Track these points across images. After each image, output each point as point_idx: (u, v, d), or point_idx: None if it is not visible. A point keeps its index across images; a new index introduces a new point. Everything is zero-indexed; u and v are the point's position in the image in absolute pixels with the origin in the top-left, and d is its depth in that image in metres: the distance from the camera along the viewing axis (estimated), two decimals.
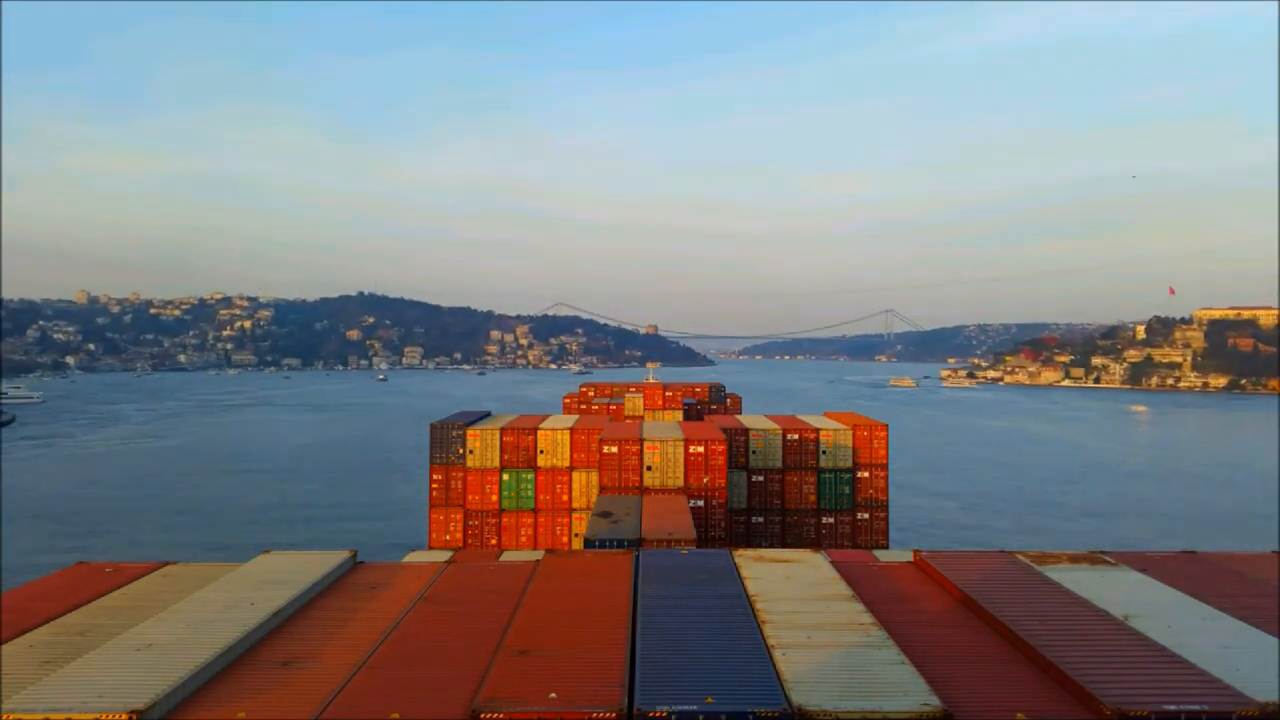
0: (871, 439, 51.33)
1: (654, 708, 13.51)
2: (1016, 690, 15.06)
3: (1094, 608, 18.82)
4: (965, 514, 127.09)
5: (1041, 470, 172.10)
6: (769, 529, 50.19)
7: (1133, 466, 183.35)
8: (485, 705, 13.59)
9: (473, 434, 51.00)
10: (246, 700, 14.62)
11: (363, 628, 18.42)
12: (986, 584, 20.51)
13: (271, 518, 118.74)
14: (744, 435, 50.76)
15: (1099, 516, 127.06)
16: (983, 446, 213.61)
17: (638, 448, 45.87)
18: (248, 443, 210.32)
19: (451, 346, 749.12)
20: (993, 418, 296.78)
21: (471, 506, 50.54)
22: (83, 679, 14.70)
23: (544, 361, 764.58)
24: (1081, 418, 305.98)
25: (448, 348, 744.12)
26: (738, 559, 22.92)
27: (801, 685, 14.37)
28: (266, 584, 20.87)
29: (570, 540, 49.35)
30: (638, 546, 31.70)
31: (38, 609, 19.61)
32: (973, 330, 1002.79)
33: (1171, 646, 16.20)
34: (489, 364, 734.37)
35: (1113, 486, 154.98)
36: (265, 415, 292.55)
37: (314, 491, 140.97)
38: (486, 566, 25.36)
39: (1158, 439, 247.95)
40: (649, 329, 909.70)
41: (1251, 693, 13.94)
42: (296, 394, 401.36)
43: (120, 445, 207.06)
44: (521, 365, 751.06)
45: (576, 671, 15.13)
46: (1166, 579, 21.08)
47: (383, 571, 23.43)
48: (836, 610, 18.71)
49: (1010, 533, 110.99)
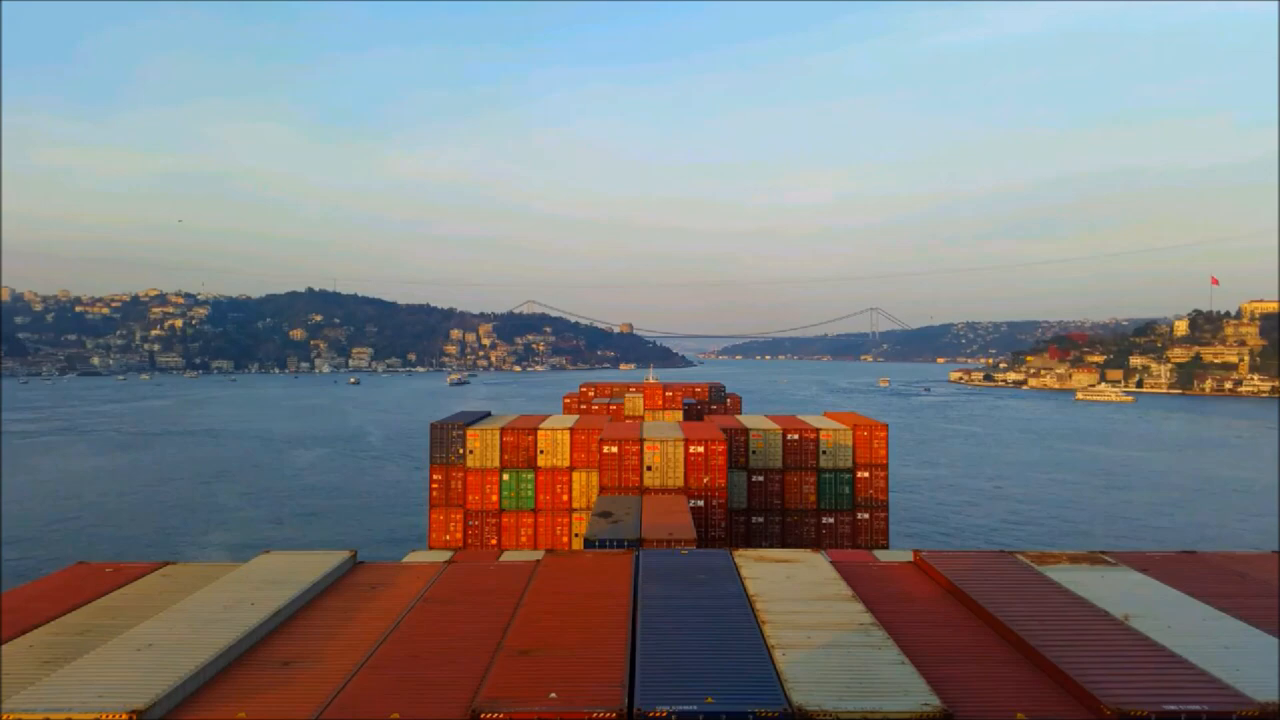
0: (871, 439, 51.33)
1: (654, 708, 13.51)
2: (1016, 690, 15.05)
3: (1094, 608, 18.82)
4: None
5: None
6: (769, 529, 50.19)
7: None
8: (485, 705, 13.59)
9: (473, 434, 51.03)
10: (247, 700, 14.62)
11: (363, 628, 18.42)
12: (987, 584, 20.50)
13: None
14: (744, 435, 50.77)
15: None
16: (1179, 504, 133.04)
17: (638, 448, 45.88)
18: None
19: (406, 347, 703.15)
20: (1096, 443, 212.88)
21: (471, 506, 50.56)
22: (83, 679, 14.70)
23: (508, 363, 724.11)
24: (1215, 439, 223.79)
25: (401, 348, 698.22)
26: (738, 559, 22.91)
27: (801, 685, 14.37)
28: (266, 584, 20.86)
29: (570, 540, 49.35)
30: (638, 547, 31.71)
31: (38, 609, 19.60)
32: (961, 328, 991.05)
33: (1171, 646, 16.20)
34: (447, 366, 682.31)
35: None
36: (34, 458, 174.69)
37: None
38: (486, 566, 25.35)
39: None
40: (624, 328, 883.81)
41: (1251, 693, 13.94)
42: (171, 410, 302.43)
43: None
44: (483, 367, 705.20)
45: (577, 671, 15.13)
46: (1166, 579, 21.07)
47: (383, 571, 23.43)
48: (836, 610, 18.71)
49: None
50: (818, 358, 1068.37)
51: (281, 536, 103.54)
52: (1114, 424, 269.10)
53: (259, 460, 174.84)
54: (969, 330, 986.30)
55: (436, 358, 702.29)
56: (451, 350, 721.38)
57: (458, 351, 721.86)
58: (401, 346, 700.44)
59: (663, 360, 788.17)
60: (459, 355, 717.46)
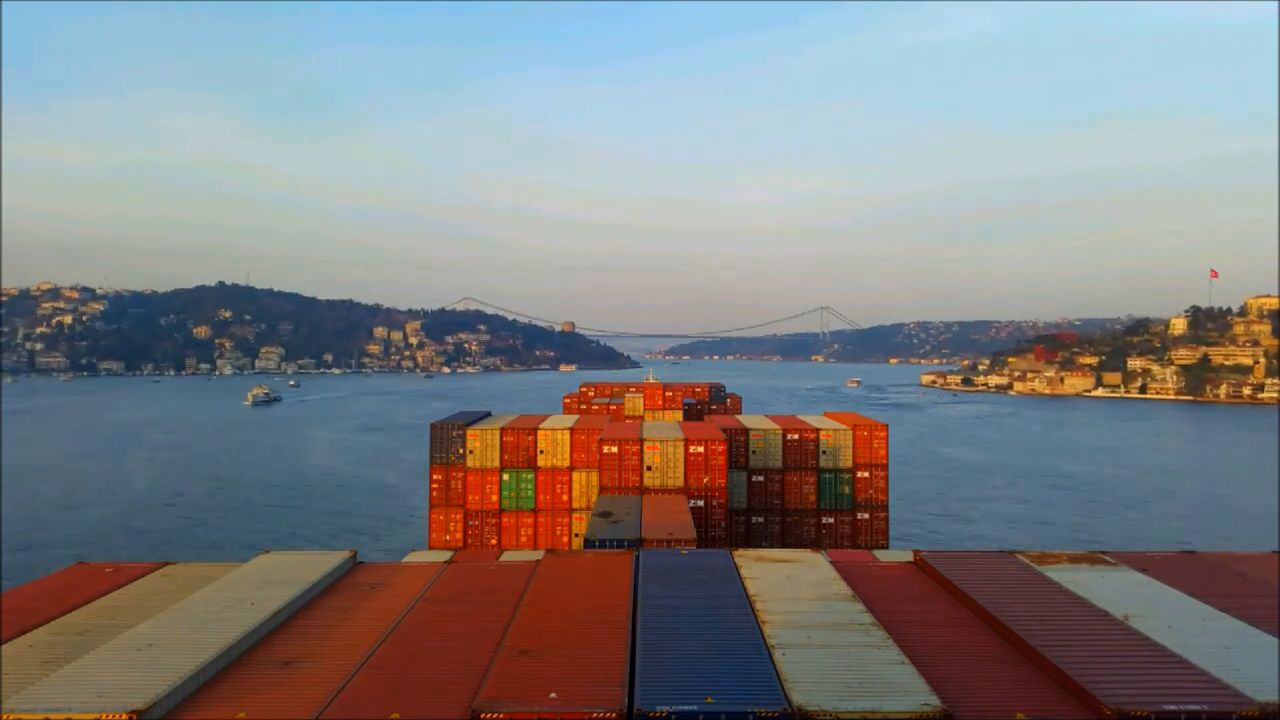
0: (871, 439, 51.37)
1: (654, 708, 13.51)
2: (1016, 690, 15.05)
3: (1094, 608, 18.82)
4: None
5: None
6: (769, 529, 50.19)
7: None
8: (486, 705, 13.59)
9: (473, 434, 51.02)
10: (247, 700, 14.62)
11: (363, 628, 18.42)
12: (987, 584, 20.50)
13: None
14: (744, 435, 50.79)
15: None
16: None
17: (638, 448, 45.89)
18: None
19: (324, 346, 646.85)
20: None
21: (471, 506, 50.54)
22: (83, 679, 14.70)
23: (436, 364, 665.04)
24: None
25: (318, 348, 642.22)
26: (738, 559, 22.92)
27: (801, 685, 14.37)
28: (266, 584, 20.87)
29: (570, 540, 49.35)
30: (638, 546, 31.71)
31: (38, 609, 19.60)
32: (913, 328, 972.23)
33: (1171, 646, 16.20)
34: (368, 367, 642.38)
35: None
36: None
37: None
38: (486, 566, 25.36)
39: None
40: (565, 326, 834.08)
41: (1251, 693, 13.94)
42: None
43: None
44: (408, 369, 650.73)
45: (577, 671, 15.13)
46: (1166, 579, 21.07)
47: (383, 571, 23.43)
48: (836, 610, 18.72)
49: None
50: (767, 358, 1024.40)
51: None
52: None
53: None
54: (921, 330, 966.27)
55: (357, 358, 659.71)
56: (374, 350, 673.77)
57: (380, 351, 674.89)
58: (318, 346, 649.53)
59: (606, 361, 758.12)
60: (382, 355, 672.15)
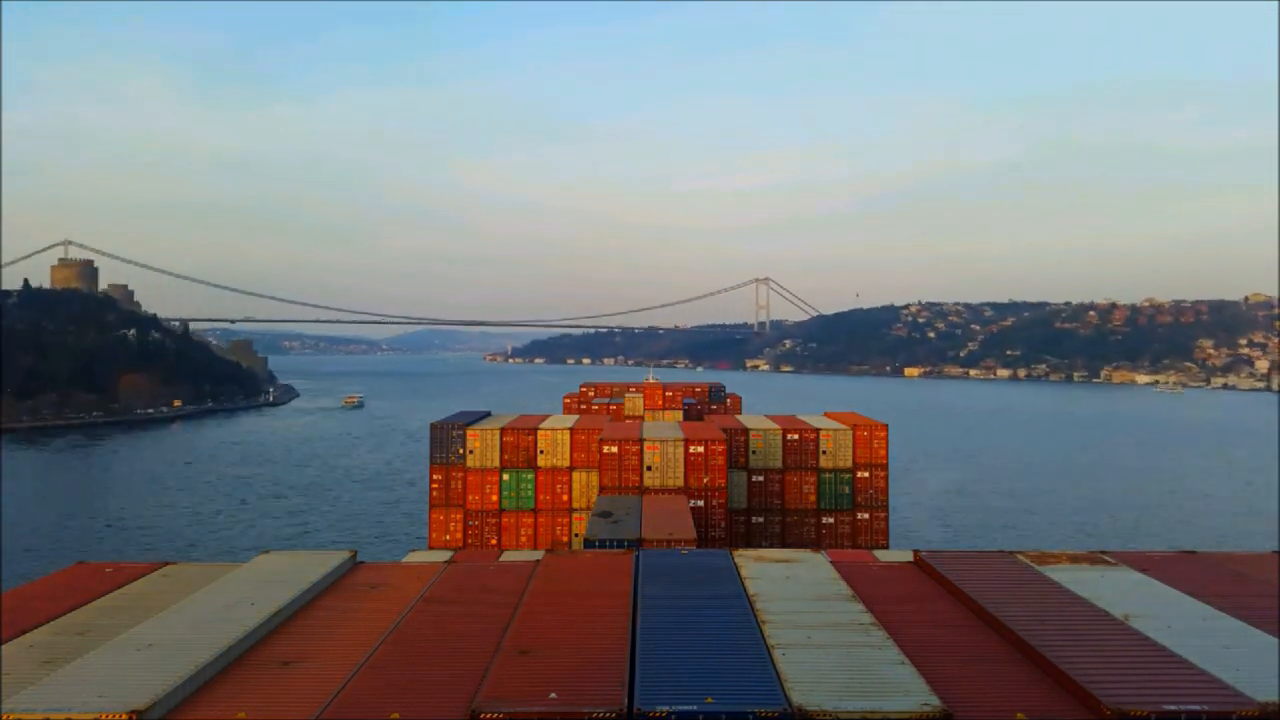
0: (871, 439, 51.36)
1: (654, 708, 13.50)
2: (1016, 690, 15.05)
3: (1094, 608, 18.81)
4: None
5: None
6: (769, 529, 50.19)
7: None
8: (485, 705, 13.58)
9: (473, 434, 51.01)
10: (247, 700, 14.61)
11: (363, 628, 18.41)
12: (987, 584, 20.49)
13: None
14: (744, 435, 50.77)
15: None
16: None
17: (638, 448, 45.89)
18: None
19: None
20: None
21: (471, 506, 50.56)
22: (83, 679, 14.69)
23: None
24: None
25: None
26: (738, 559, 22.92)
27: (801, 685, 14.36)
28: (266, 584, 20.86)
29: (570, 540, 49.35)
30: (638, 546, 31.73)
31: (38, 609, 19.59)
32: (917, 312, 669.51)
33: (1171, 646, 16.19)
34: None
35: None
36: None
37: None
38: (486, 566, 25.36)
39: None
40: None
41: (1251, 693, 13.92)
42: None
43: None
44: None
45: (576, 671, 15.13)
46: (1166, 579, 21.07)
47: (383, 571, 23.43)
48: (836, 610, 18.71)
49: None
50: (673, 362, 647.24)
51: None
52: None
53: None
54: (933, 315, 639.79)
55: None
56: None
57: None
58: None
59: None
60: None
